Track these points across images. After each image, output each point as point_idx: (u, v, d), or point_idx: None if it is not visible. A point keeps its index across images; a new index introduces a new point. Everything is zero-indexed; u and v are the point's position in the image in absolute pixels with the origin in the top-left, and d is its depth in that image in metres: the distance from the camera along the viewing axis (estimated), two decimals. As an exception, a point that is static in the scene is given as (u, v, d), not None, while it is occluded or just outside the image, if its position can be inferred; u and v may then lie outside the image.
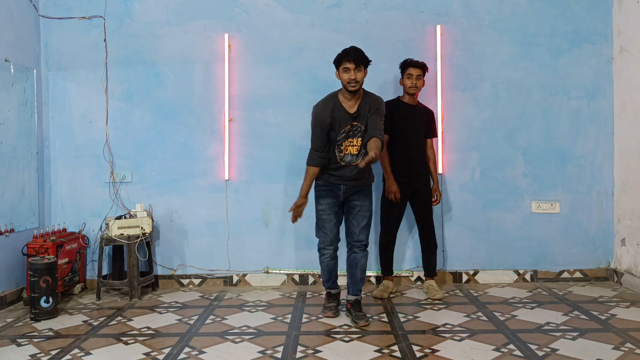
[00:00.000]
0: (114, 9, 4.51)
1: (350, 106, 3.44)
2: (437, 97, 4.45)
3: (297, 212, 3.54)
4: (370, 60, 3.46)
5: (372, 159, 3.10)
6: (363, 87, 3.47)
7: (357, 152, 3.44)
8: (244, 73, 4.52)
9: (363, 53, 3.42)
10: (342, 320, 3.51)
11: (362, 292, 4.15)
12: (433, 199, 4.12)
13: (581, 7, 4.48)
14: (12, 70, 4.15)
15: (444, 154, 4.47)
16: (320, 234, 3.58)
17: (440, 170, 4.45)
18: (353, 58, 3.36)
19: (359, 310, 3.46)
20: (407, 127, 4.04)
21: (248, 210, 4.52)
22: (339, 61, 3.44)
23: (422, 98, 4.36)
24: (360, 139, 3.44)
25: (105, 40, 4.51)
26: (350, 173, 3.47)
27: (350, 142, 3.44)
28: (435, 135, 4.22)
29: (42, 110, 4.52)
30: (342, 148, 3.45)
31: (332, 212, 3.52)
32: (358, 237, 3.49)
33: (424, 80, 4.08)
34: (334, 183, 3.51)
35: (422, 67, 4.03)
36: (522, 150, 4.48)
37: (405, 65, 4.05)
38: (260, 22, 4.51)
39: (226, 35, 4.49)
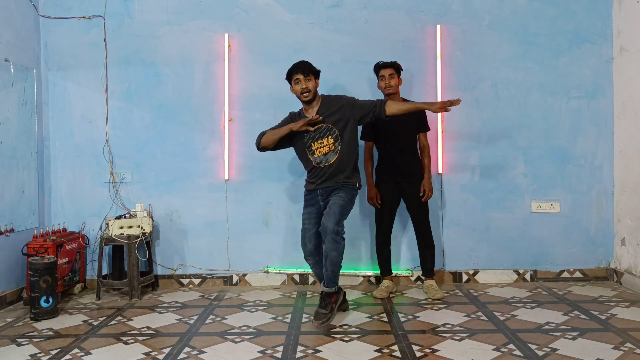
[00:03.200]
0: (113, 9, 4.51)
1: (310, 114, 3.55)
2: (437, 97, 4.44)
3: None
4: (319, 71, 3.58)
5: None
6: (336, 94, 3.66)
7: (330, 150, 3.49)
8: (243, 73, 4.52)
9: (310, 64, 3.56)
10: (342, 319, 3.51)
11: (361, 292, 4.18)
12: (421, 194, 4.04)
13: (581, 7, 4.47)
14: (12, 70, 4.14)
15: (444, 153, 4.46)
16: (301, 244, 3.58)
17: (440, 170, 4.45)
18: (301, 69, 3.50)
19: (323, 307, 3.36)
20: (390, 129, 4.02)
21: (248, 210, 4.52)
22: (290, 75, 3.56)
23: (423, 98, 4.37)
24: (330, 137, 3.49)
25: (105, 40, 4.51)
26: (326, 172, 3.50)
27: (320, 143, 3.51)
28: (427, 129, 4.14)
29: (42, 110, 4.52)
30: (313, 149, 3.52)
31: (311, 221, 3.53)
32: (324, 223, 3.34)
33: (400, 79, 4.07)
34: (313, 190, 3.56)
35: (393, 66, 4.02)
36: (522, 150, 4.48)
37: (377, 68, 4.07)
38: (260, 22, 4.51)
39: (226, 35, 4.49)
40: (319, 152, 3.51)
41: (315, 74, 3.55)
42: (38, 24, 4.51)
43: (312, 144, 3.52)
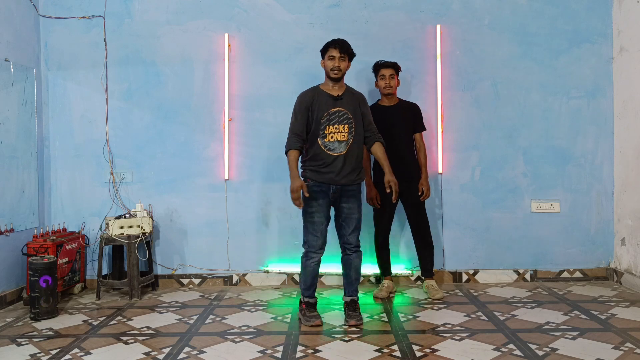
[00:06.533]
0: (113, 9, 4.51)
1: (334, 91, 3.49)
2: (437, 97, 4.45)
3: (298, 195, 3.32)
4: (355, 54, 3.56)
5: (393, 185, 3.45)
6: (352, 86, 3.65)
7: (343, 139, 3.39)
8: (243, 73, 4.52)
9: (349, 45, 3.51)
10: (342, 319, 3.50)
11: (361, 292, 4.18)
12: (419, 193, 4.05)
13: (581, 7, 4.48)
14: (12, 70, 4.14)
15: (444, 153, 4.46)
16: (310, 237, 3.41)
17: (440, 170, 4.45)
18: (340, 46, 3.46)
19: (353, 310, 3.47)
20: (389, 129, 4.00)
21: (248, 210, 4.52)
22: (325, 48, 3.52)
23: (423, 98, 4.37)
24: (347, 125, 3.40)
25: (105, 40, 4.51)
26: (340, 164, 3.37)
27: (335, 128, 3.38)
28: (423, 129, 4.15)
29: (42, 110, 4.52)
30: (325, 133, 3.38)
31: (323, 215, 3.41)
32: (349, 240, 3.45)
33: (398, 80, 4.08)
34: (323, 183, 3.39)
35: (394, 67, 4.03)
36: (522, 150, 4.48)
37: (377, 67, 4.07)
38: (260, 22, 4.51)
39: (226, 35, 4.49)
40: (332, 137, 3.37)
41: (350, 55, 3.52)
42: (38, 23, 4.51)
43: (328, 126, 3.38)
